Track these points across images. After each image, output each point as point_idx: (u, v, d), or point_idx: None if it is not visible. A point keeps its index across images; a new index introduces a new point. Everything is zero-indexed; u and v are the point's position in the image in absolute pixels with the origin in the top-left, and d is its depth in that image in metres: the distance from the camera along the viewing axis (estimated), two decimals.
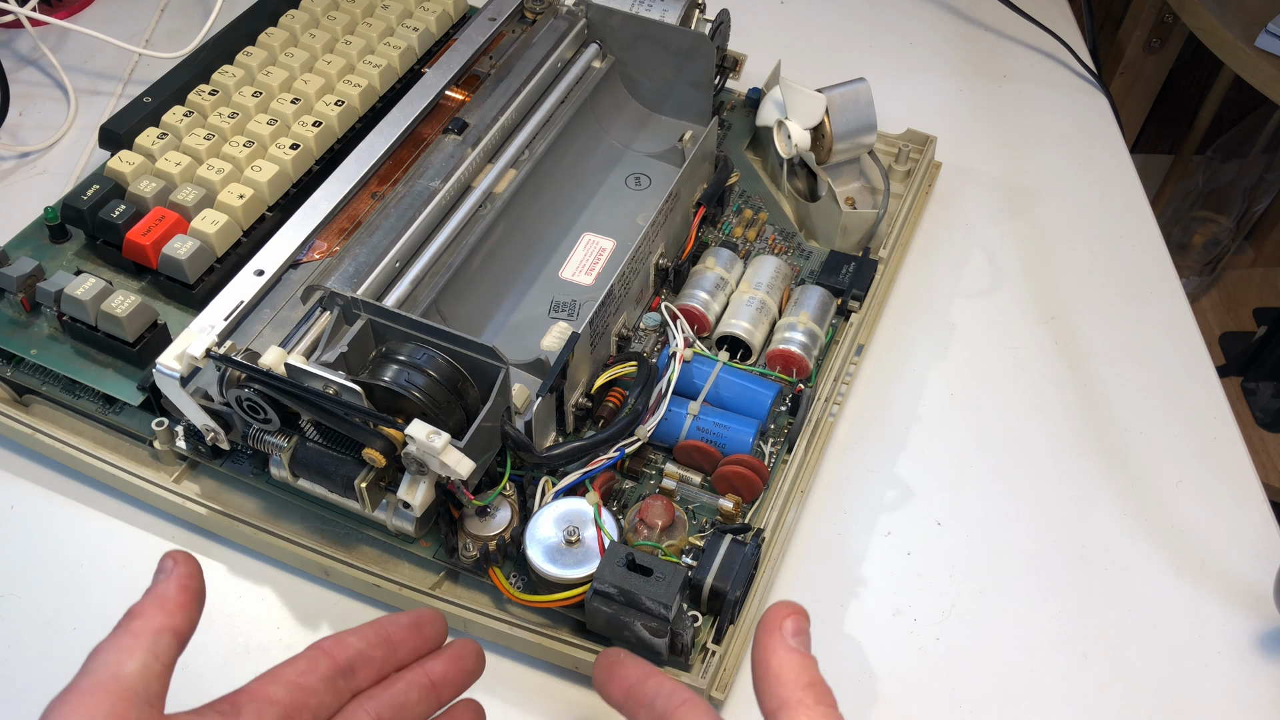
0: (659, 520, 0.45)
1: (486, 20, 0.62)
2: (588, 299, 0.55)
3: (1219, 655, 0.47)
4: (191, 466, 0.49)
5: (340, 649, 0.35)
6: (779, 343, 0.52)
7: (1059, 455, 0.54)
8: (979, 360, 0.58)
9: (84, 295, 0.48)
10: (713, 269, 0.55)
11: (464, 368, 0.44)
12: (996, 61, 0.77)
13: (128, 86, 0.71)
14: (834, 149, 0.59)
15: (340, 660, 0.35)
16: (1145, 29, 1.05)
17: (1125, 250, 0.64)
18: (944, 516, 0.51)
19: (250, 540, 0.48)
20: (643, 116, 0.64)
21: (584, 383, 0.49)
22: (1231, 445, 0.55)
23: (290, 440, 0.44)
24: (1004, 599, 0.48)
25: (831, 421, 0.53)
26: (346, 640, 0.36)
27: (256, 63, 0.59)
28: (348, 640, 0.36)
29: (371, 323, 0.45)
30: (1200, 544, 0.51)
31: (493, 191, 0.54)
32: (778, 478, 0.49)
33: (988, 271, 0.63)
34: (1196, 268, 1.25)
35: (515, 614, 0.45)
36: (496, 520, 0.45)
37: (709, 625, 0.44)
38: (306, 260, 0.50)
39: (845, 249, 0.59)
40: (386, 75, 0.61)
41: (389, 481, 0.44)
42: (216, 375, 0.43)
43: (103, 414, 0.49)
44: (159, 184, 0.53)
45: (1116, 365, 0.58)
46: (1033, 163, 0.69)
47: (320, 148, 0.57)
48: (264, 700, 0.33)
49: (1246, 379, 1.14)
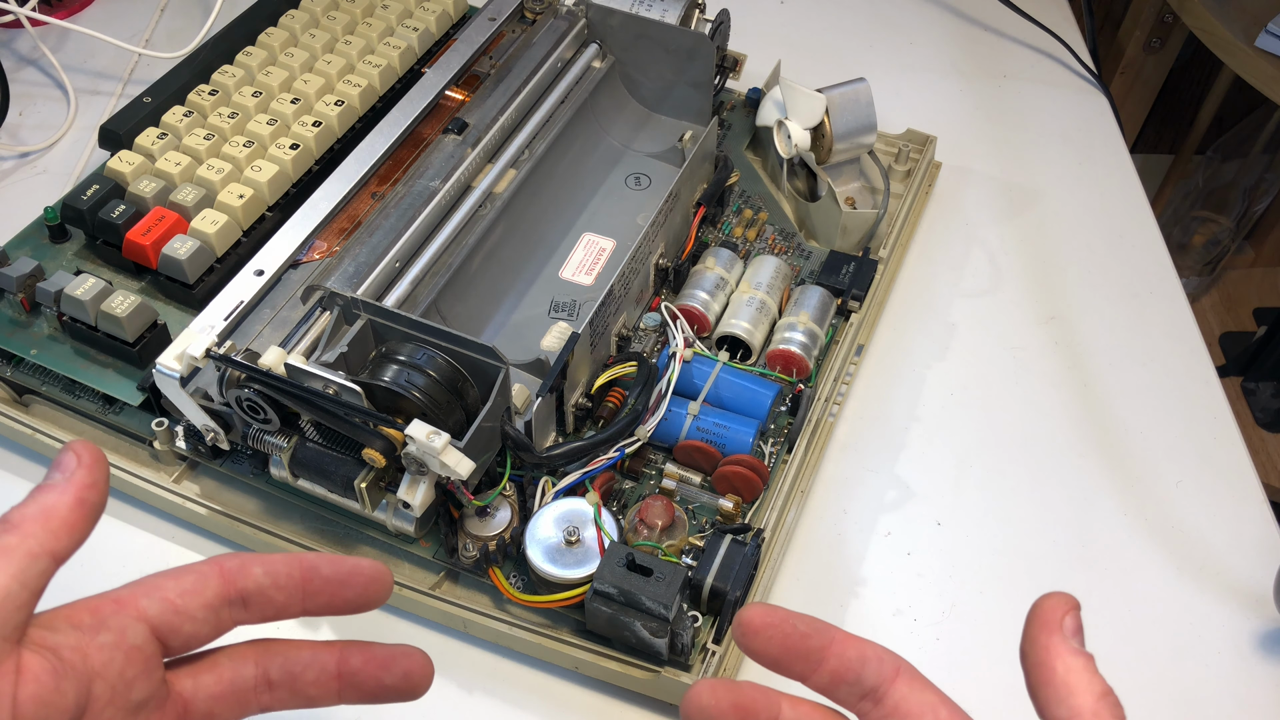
0: (659, 520, 0.45)
1: (486, 20, 0.62)
2: (588, 299, 0.55)
3: (1219, 655, 0.47)
4: (191, 466, 0.49)
5: (241, 576, 0.31)
6: (779, 343, 0.52)
7: (1059, 455, 0.54)
8: (979, 360, 0.58)
9: (84, 295, 0.48)
10: (713, 269, 0.55)
11: (464, 368, 0.44)
12: (996, 61, 0.77)
13: (128, 86, 0.71)
14: (834, 149, 0.59)
15: (235, 589, 0.31)
16: (1145, 29, 1.05)
17: (1125, 250, 0.64)
18: (944, 516, 0.51)
19: (250, 540, 0.48)
20: (643, 116, 0.64)
21: (584, 383, 0.49)
22: (1231, 445, 0.55)
23: (290, 440, 0.44)
24: (1004, 599, 0.48)
25: (831, 421, 0.53)
26: (251, 569, 0.31)
27: (256, 63, 0.59)
28: (253, 570, 0.31)
29: (371, 323, 0.45)
30: (1200, 544, 0.51)
31: (493, 191, 0.54)
32: (778, 478, 0.49)
33: (988, 271, 0.63)
34: (1196, 268, 1.25)
35: (515, 614, 0.45)
36: (496, 520, 0.45)
37: (709, 625, 0.44)
38: (306, 260, 0.50)
39: (845, 249, 0.59)
40: (386, 75, 0.61)
41: (389, 481, 0.44)
42: (216, 375, 0.43)
43: (103, 414, 0.49)
44: (159, 184, 0.53)
45: (1116, 365, 0.58)
46: (1033, 163, 0.69)
47: (320, 148, 0.57)
48: (132, 615, 0.29)
49: (1246, 379, 1.14)
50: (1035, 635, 0.29)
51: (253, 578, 0.31)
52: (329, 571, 0.32)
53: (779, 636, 0.30)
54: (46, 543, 0.28)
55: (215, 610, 0.30)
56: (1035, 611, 0.30)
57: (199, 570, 0.31)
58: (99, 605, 0.29)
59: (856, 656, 0.30)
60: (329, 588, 0.32)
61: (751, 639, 0.31)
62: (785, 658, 0.31)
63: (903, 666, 0.30)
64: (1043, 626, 0.29)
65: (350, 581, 0.32)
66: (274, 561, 0.32)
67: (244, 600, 0.31)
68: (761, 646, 0.31)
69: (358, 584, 0.32)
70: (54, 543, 0.28)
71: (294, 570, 0.32)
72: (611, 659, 0.43)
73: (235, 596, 0.31)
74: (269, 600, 0.31)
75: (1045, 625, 0.29)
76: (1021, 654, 0.30)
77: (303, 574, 0.32)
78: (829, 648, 0.30)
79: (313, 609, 0.32)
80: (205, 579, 0.30)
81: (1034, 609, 0.30)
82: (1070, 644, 0.29)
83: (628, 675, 0.43)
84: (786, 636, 0.30)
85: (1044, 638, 0.29)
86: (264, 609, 0.31)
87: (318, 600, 0.32)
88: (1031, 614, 0.30)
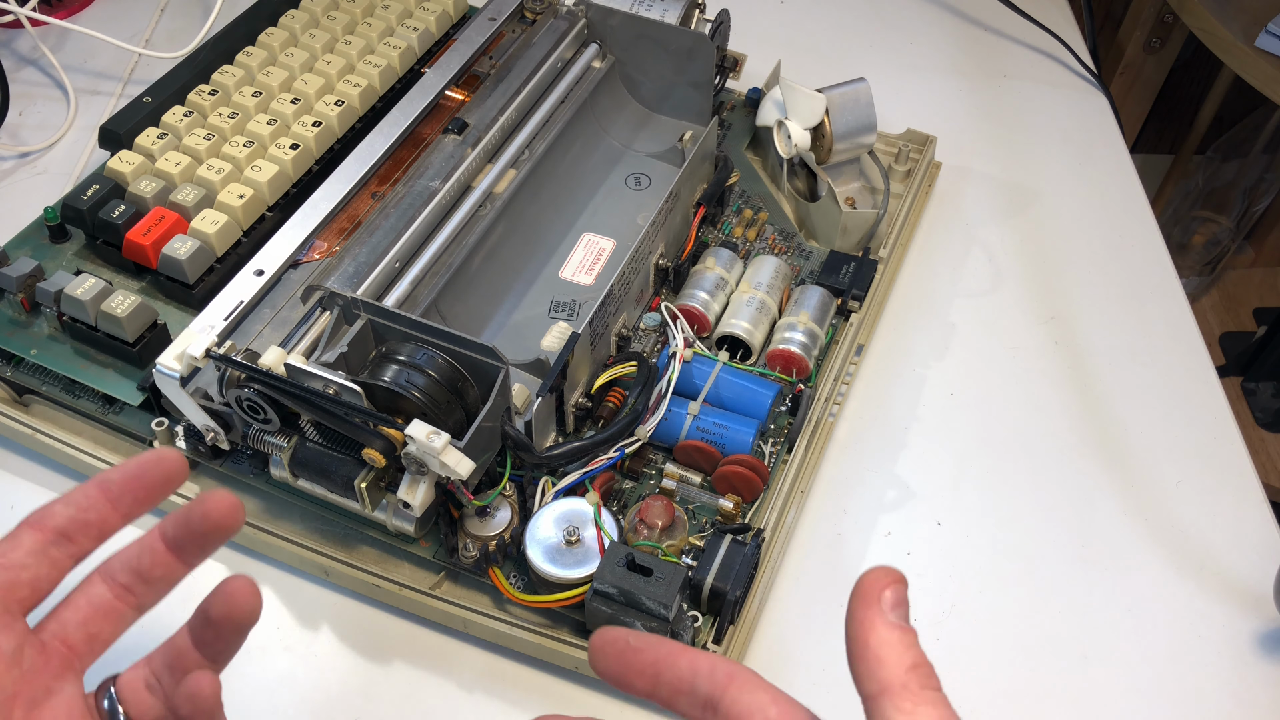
0: (659, 520, 0.45)
1: (486, 20, 0.62)
2: (588, 299, 0.55)
3: (1219, 655, 0.47)
4: (191, 466, 0.49)
5: (47, 518, 0.33)
6: (779, 343, 0.52)
7: (1059, 455, 0.54)
8: (979, 360, 0.58)
9: (84, 295, 0.48)
10: (713, 269, 0.55)
11: (464, 368, 0.44)
12: (996, 61, 0.77)
13: (128, 86, 0.71)
14: (834, 149, 0.59)
15: (49, 530, 0.33)
16: (1145, 29, 1.05)
17: (1125, 250, 0.64)
18: (944, 516, 0.51)
19: (250, 540, 0.48)
20: (643, 116, 0.64)
21: (584, 383, 0.49)
22: (1231, 445, 0.55)
23: (290, 440, 0.44)
24: (1004, 599, 0.48)
25: (831, 421, 0.53)
26: (53, 509, 0.33)
27: (256, 63, 0.59)
28: (54, 509, 0.33)
29: (371, 323, 0.45)
30: (1200, 544, 0.51)
31: (493, 191, 0.54)
32: (778, 478, 0.49)
33: (988, 271, 0.63)
34: (1196, 268, 1.25)
35: (515, 614, 0.45)
36: (496, 520, 0.45)
37: (709, 625, 0.44)
38: (306, 260, 0.50)
39: (845, 249, 0.59)
40: (386, 75, 0.61)
41: (389, 481, 0.44)
42: (216, 375, 0.43)
43: (103, 414, 0.49)
44: (159, 184, 0.53)
45: (1116, 365, 0.58)
46: (1033, 162, 0.69)
47: (320, 148, 0.57)
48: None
49: (1246, 379, 1.14)
50: (854, 610, 0.29)
51: (59, 515, 0.33)
52: (120, 475, 0.34)
53: (614, 653, 0.31)
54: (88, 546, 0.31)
55: (42, 553, 0.32)
56: (857, 587, 0.30)
57: (11, 533, 0.33)
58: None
59: (687, 667, 0.30)
60: (130, 487, 0.34)
61: (596, 659, 0.32)
62: (625, 674, 0.31)
63: (736, 672, 0.30)
64: (861, 600, 0.29)
65: (144, 474, 0.34)
66: (71, 493, 0.33)
67: (65, 535, 0.33)
68: (604, 666, 0.32)
69: (153, 473, 0.34)
70: None
71: (91, 490, 0.33)
72: None
73: (53, 536, 0.33)
74: (85, 524, 0.33)
75: (864, 599, 0.29)
76: (845, 632, 0.30)
77: (99, 489, 0.33)
78: (660, 661, 0.31)
79: (128, 511, 0.34)
80: (16, 536, 0.32)
81: (857, 584, 0.30)
82: (888, 618, 0.29)
83: None
84: (621, 653, 0.31)
85: (861, 611, 0.29)
86: (86, 532, 0.33)
87: (125, 501, 0.34)
88: (854, 589, 0.30)
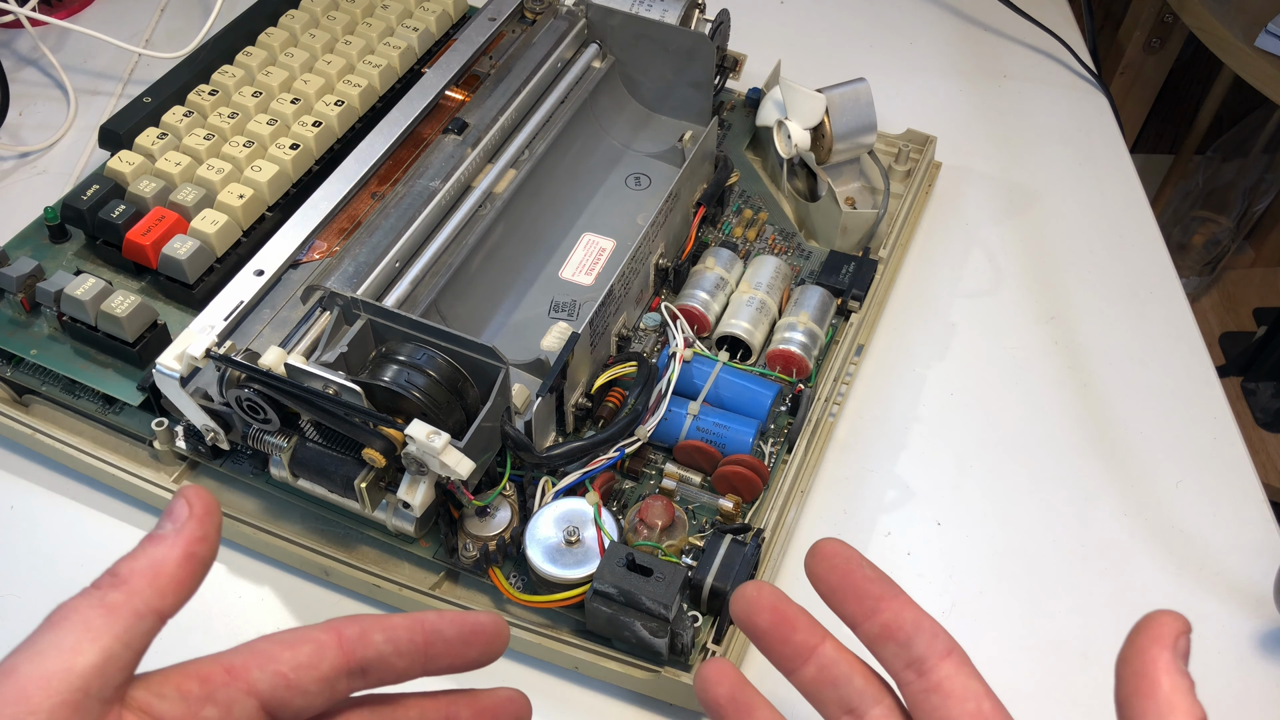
0: (659, 520, 0.45)
1: (486, 20, 0.62)
2: (588, 299, 0.55)
3: (1219, 655, 0.47)
4: (191, 466, 0.49)
5: (361, 645, 0.29)
6: (779, 343, 0.52)
7: (1059, 455, 0.54)
8: (979, 360, 0.58)
9: (84, 295, 0.48)
10: (713, 269, 0.55)
11: (464, 368, 0.44)
12: (996, 61, 0.77)
13: (128, 86, 0.71)
14: (834, 149, 0.59)
15: (354, 660, 0.29)
16: (1145, 29, 1.05)
17: (1125, 250, 0.64)
18: (944, 516, 0.51)
19: (250, 540, 0.48)
20: (643, 116, 0.64)
21: (584, 383, 0.49)
22: (1231, 445, 0.55)
23: (290, 440, 0.44)
24: (1004, 599, 0.48)
25: (831, 421, 0.53)
26: (371, 638, 0.29)
27: (256, 63, 0.59)
28: (373, 638, 0.29)
29: (371, 323, 0.45)
30: (1200, 544, 0.51)
31: (493, 191, 0.54)
32: (778, 478, 0.49)
33: (988, 271, 0.63)
34: (1196, 268, 1.25)
35: (515, 614, 0.45)
36: (496, 520, 0.45)
37: (709, 625, 0.44)
38: (306, 260, 0.50)
39: (845, 249, 0.59)
40: (386, 75, 0.61)
41: (389, 481, 0.44)
42: (216, 375, 0.43)
43: (103, 414, 0.49)
44: (159, 184, 0.53)
45: (1116, 365, 0.58)
46: (1033, 162, 0.69)
47: (320, 148, 0.57)
48: (241, 689, 0.27)
49: (1246, 379, 1.14)
50: (1145, 646, 0.28)
51: (374, 646, 0.29)
52: (452, 633, 0.31)
53: (844, 568, 0.31)
54: (153, 601, 0.27)
55: (331, 683, 0.29)
56: (1149, 623, 0.29)
57: (316, 639, 0.29)
58: (210, 673, 0.28)
59: (912, 620, 0.30)
60: (451, 649, 0.31)
61: (818, 563, 0.31)
62: (843, 590, 0.31)
63: (956, 649, 0.30)
64: (1155, 639, 0.28)
65: (473, 640, 0.31)
66: (395, 627, 0.30)
67: (363, 670, 0.29)
68: (824, 572, 0.31)
69: (479, 642, 0.31)
70: (160, 601, 0.27)
71: (416, 635, 0.30)
72: (611, 659, 0.43)
73: (355, 667, 0.29)
74: (389, 667, 0.30)
75: (1158, 639, 0.28)
76: (1121, 660, 0.29)
77: (425, 638, 0.30)
78: (887, 600, 0.30)
79: (433, 671, 0.31)
80: (323, 649, 0.29)
81: (1147, 620, 0.29)
82: (1179, 665, 0.28)
83: (628, 675, 0.43)
84: (851, 572, 0.31)
85: (1155, 650, 0.28)
86: (383, 675, 0.30)
87: (439, 663, 0.31)
88: (1143, 625, 0.29)
